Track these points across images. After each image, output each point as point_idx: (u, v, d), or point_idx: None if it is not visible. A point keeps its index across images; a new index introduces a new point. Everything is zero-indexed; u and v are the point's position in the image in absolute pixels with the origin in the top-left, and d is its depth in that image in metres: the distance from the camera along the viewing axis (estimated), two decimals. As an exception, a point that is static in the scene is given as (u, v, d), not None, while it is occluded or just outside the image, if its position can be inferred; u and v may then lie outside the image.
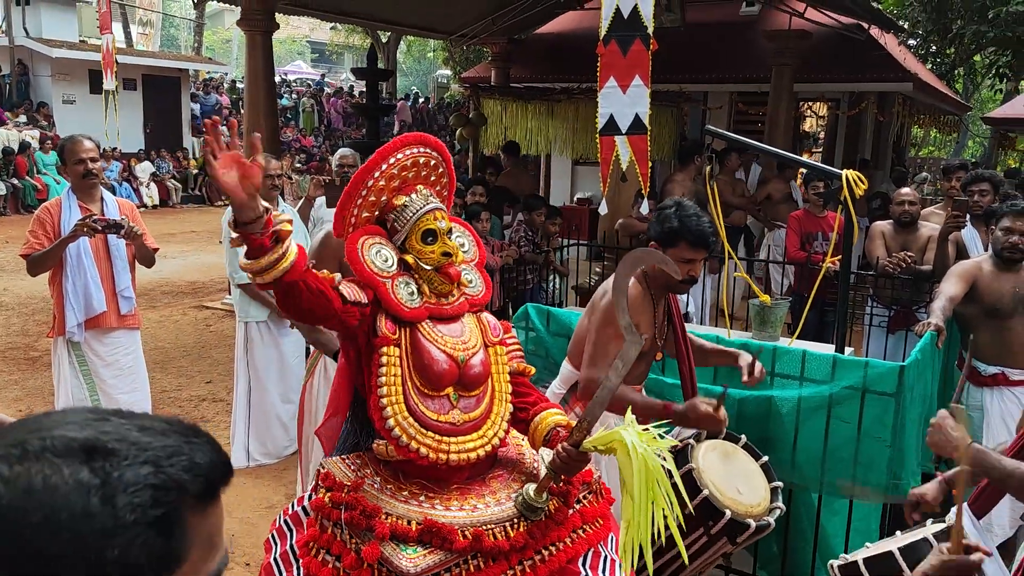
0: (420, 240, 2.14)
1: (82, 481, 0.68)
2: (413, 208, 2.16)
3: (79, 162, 3.98)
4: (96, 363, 4.14)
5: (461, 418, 2.12)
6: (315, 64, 38.00)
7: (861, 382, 2.90)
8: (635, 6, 4.67)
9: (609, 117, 4.83)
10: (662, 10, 8.12)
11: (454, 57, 20.66)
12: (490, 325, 2.29)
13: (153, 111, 18.77)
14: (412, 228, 2.15)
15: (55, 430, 0.71)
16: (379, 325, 2.09)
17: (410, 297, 2.13)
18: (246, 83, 7.85)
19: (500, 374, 2.25)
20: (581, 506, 2.22)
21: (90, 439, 0.71)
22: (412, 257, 2.14)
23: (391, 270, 2.13)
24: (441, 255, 2.14)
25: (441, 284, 2.17)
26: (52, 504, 0.67)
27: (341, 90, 25.16)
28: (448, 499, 2.09)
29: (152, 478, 0.71)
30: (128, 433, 0.73)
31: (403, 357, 2.09)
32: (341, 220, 2.16)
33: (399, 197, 2.16)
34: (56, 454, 0.69)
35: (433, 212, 2.17)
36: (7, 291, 8.72)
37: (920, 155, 20.99)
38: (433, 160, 2.22)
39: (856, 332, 5.67)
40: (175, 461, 0.72)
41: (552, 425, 2.20)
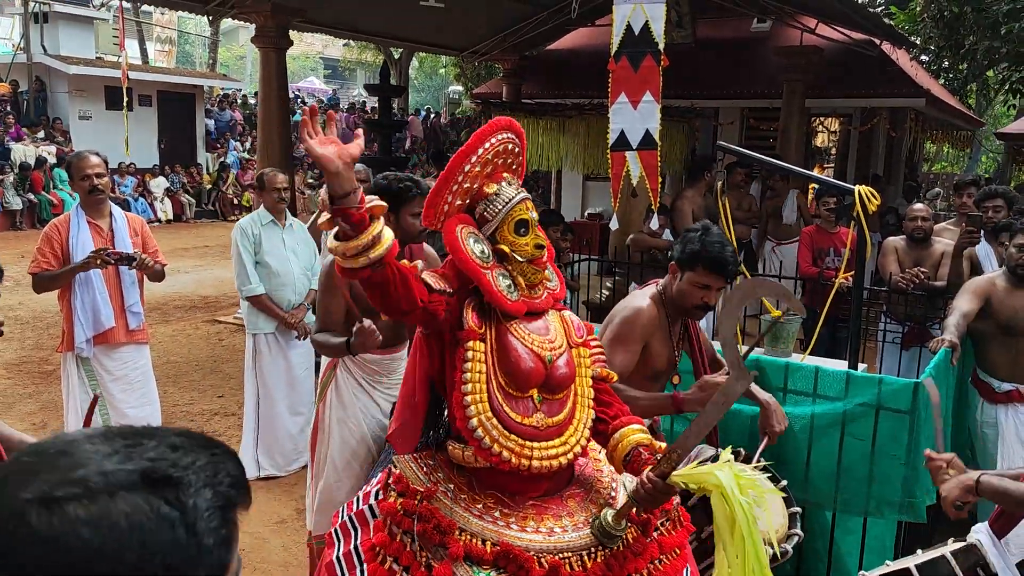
0: (513, 231, 2.03)
1: (164, 515, 0.70)
2: (505, 197, 2.06)
3: (85, 178, 3.99)
4: (105, 378, 4.16)
5: (544, 422, 2.02)
6: (328, 80, 38.30)
7: (875, 399, 2.88)
8: (646, 23, 4.70)
9: (620, 132, 4.85)
10: (673, 26, 8.15)
11: (466, 73, 20.77)
12: (574, 324, 2.19)
13: (168, 127, 18.95)
14: (505, 218, 2.04)
15: (103, 464, 0.71)
16: (465, 317, 1.99)
17: (509, 289, 2.02)
18: (260, 99, 7.93)
19: (583, 377, 2.15)
20: (659, 534, 2.13)
21: (146, 469, 0.72)
22: (507, 247, 2.03)
23: (489, 260, 2.02)
24: (535, 247, 2.04)
25: (534, 274, 2.07)
26: (143, 541, 0.68)
27: (354, 106, 25.33)
28: (524, 518, 2.00)
29: (216, 500, 0.74)
30: (174, 456, 0.74)
31: (488, 353, 1.99)
32: (433, 208, 2.03)
33: (490, 185, 2.06)
34: (124, 489, 0.70)
35: (524, 202, 2.07)
36: (22, 305, 8.79)
37: (933, 171, 20.91)
38: (516, 147, 2.13)
39: (869, 348, 5.64)
40: (222, 479, 0.75)
41: (634, 444, 2.09)
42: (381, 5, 9.42)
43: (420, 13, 8.73)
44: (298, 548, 3.98)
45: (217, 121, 20.77)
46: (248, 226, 4.75)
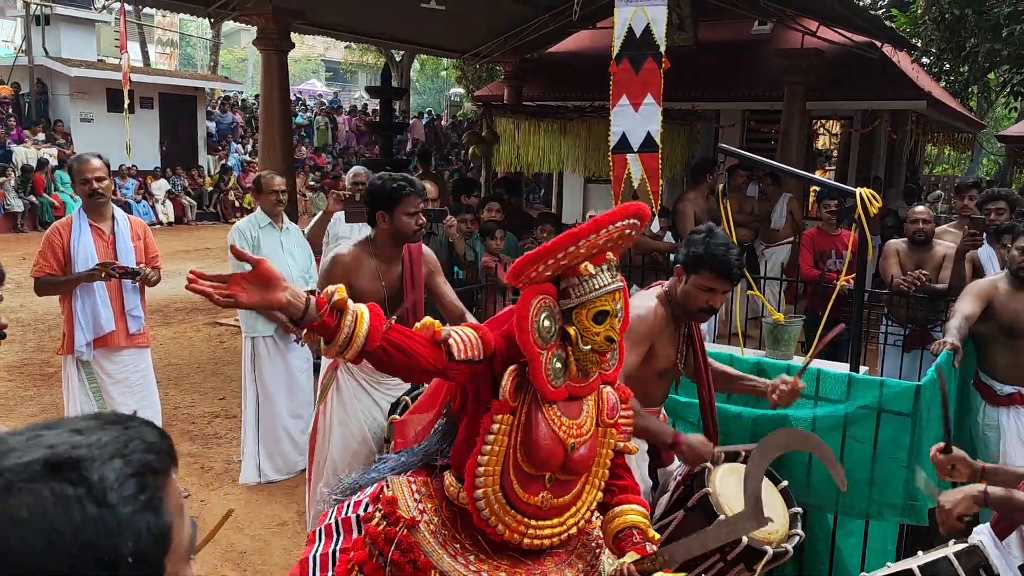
0: (591, 318, 1.95)
1: (68, 495, 0.69)
2: (596, 283, 1.96)
3: (85, 182, 4.00)
4: (105, 380, 4.16)
5: (549, 502, 2.01)
6: (329, 82, 38.33)
7: (877, 401, 2.87)
8: (648, 25, 4.70)
9: (621, 135, 4.85)
10: (674, 29, 8.16)
11: (467, 75, 20.79)
12: (608, 404, 2.12)
13: (169, 129, 18.96)
14: (588, 303, 1.95)
15: (2, 462, 0.71)
16: (503, 386, 1.93)
17: (556, 374, 1.96)
18: (261, 101, 7.94)
19: (602, 458, 2.11)
20: None
21: (47, 456, 0.71)
22: (575, 331, 1.96)
23: (551, 340, 1.94)
24: (605, 340, 1.97)
25: (592, 365, 2.01)
26: (49, 526, 0.67)
27: (355, 108, 25.36)
28: (497, 568, 2.00)
29: (127, 468, 0.73)
30: (74, 439, 0.74)
31: (514, 427, 1.96)
32: (520, 273, 1.93)
33: (588, 266, 1.95)
34: (25, 480, 0.69)
35: (614, 293, 1.98)
36: (23, 307, 8.79)
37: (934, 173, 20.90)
38: (634, 232, 2.03)
39: (871, 351, 5.63)
40: (133, 447, 0.75)
41: (630, 524, 2.09)
42: (382, 7, 9.43)
43: (421, 15, 8.74)
44: (299, 551, 3.97)
45: (219, 123, 20.78)
46: (246, 228, 4.76)
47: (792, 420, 3.00)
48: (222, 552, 3.90)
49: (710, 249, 2.61)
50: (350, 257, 3.31)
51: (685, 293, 2.69)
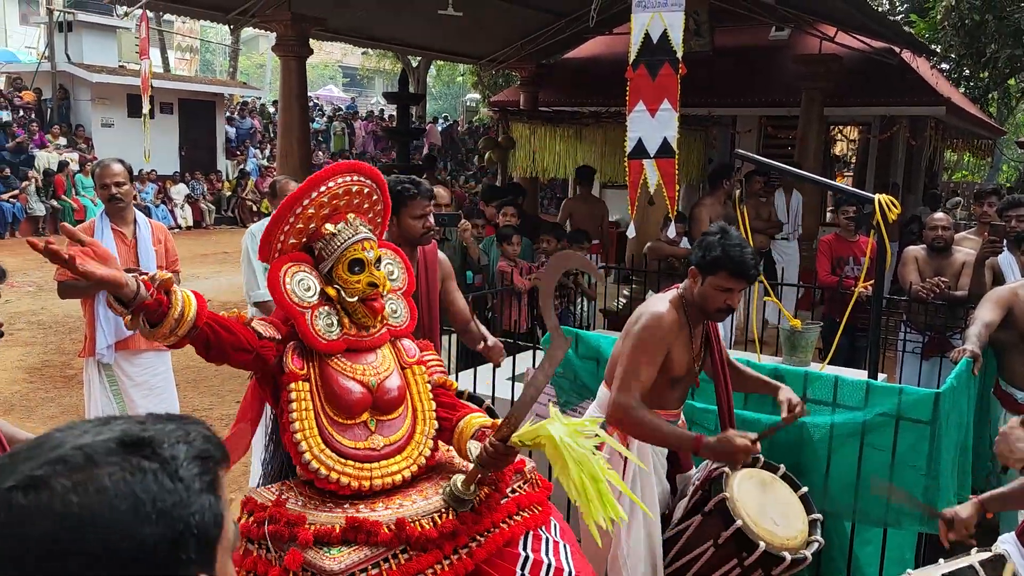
0: (347, 270, 2.13)
1: (145, 468, 0.74)
2: (341, 238, 2.15)
3: (104, 187, 4.06)
4: (126, 383, 4.19)
5: (382, 443, 2.13)
6: (346, 88, 38.56)
7: (895, 409, 2.85)
8: (665, 31, 4.71)
9: (638, 141, 4.85)
10: (691, 35, 8.16)
11: (483, 81, 20.85)
12: (404, 348, 2.30)
13: (189, 134, 19.14)
14: (339, 257, 2.14)
15: (77, 440, 0.75)
16: (286, 361, 2.09)
17: (328, 329, 2.12)
18: (280, 107, 8.01)
19: (421, 394, 2.26)
20: (516, 495, 2.23)
21: (120, 436, 0.76)
22: (336, 288, 2.13)
23: (312, 300, 2.11)
24: (367, 285, 2.13)
25: (364, 317, 2.16)
26: (132, 493, 0.72)
27: (371, 113, 25.49)
28: (373, 503, 2.09)
29: (191, 451, 0.78)
30: (142, 426, 0.79)
31: (313, 391, 2.09)
32: (267, 245, 2.16)
33: (328, 225, 2.15)
34: (103, 454, 0.74)
35: (362, 242, 2.15)
36: (44, 310, 8.89)
37: (953, 179, 20.73)
38: (367, 188, 2.21)
39: (889, 358, 5.59)
40: (194, 437, 0.80)
41: (477, 426, 2.20)
42: (400, 14, 9.50)
43: (438, 22, 8.79)
44: (315, 553, 3.99)
45: (237, 129, 20.95)
46: (259, 231, 4.77)
47: (810, 427, 2.99)
48: (239, 554, 3.92)
49: (726, 250, 2.60)
50: None
51: (702, 294, 2.67)
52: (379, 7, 9.16)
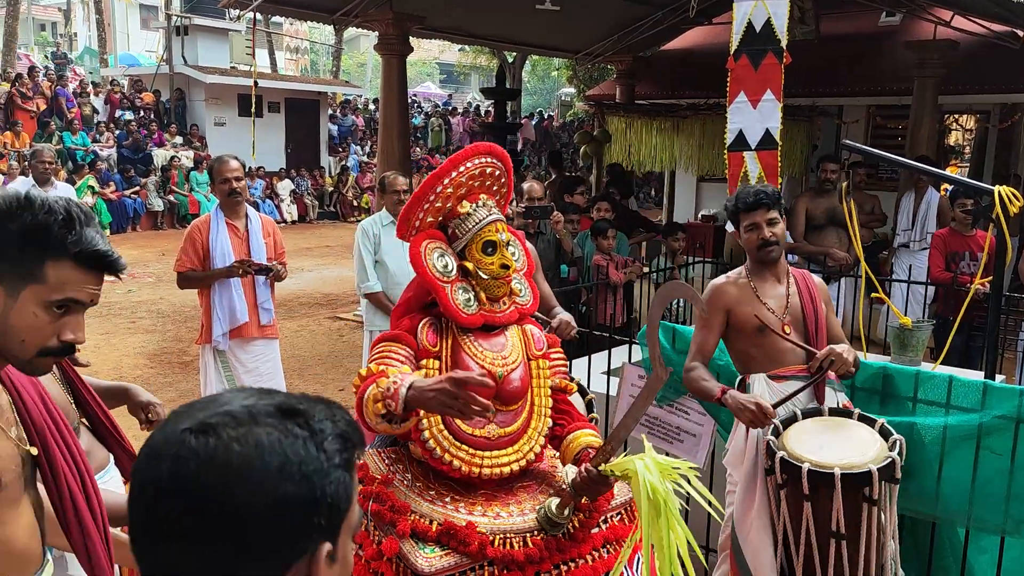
0: (480, 250, 2.19)
1: (298, 434, 0.83)
2: (476, 218, 2.20)
3: (224, 181, 4.26)
4: (239, 369, 4.41)
5: (497, 432, 2.16)
6: (443, 85, 39.15)
7: (1016, 411, 2.71)
8: (768, 19, 4.60)
9: (738, 132, 4.77)
10: (796, 22, 7.90)
11: (578, 75, 20.79)
12: (534, 338, 2.33)
13: (294, 132, 19.86)
14: (473, 238, 2.19)
15: (243, 401, 0.85)
16: (420, 337, 2.16)
17: (467, 303, 2.18)
18: (381, 105, 8.22)
19: (541, 388, 2.28)
20: (609, 525, 2.21)
21: (281, 403, 0.85)
22: (472, 264, 2.19)
23: (451, 275, 2.18)
24: (500, 267, 2.19)
25: (497, 288, 2.21)
26: (283, 452, 0.81)
27: (468, 110, 25.80)
28: (473, 504, 2.11)
29: (335, 429, 0.86)
30: (297, 399, 0.88)
31: (442, 370, 2.13)
32: (405, 223, 2.23)
33: (463, 205, 2.21)
34: (264, 415, 0.83)
35: (494, 224, 2.21)
36: (163, 299, 9.43)
37: (1083, 170, 19.33)
38: (498, 171, 2.26)
39: (1008, 359, 5.29)
40: (339, 418, 0.87)
41: (583, 445, 2.19)
42: (497, 10, 9.57)
43: (535, 16, 8.82)
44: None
45: (340, 126, 21.59)
46: (369, 226, 4.95)
47: (920, 428, 2.87)
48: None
49: (736, 199, 2.91)
50: None
51: (745, 244, 2.91)
52: (477, 3, 9.27)
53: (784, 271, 2.98)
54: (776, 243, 2.87)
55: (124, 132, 16.68)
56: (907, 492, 2.82)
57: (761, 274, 2.93)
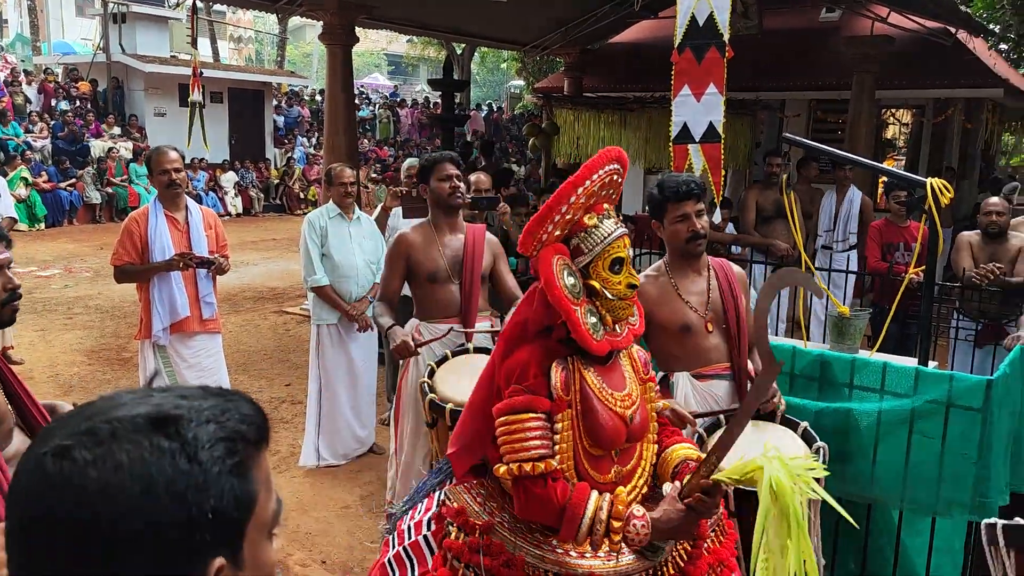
0: (607, 267, 1.97)
1: (164, 448, 0.75)
2: (604, 231, 1.98)
3: (163, 172, 4.16)
4: (180, 365, 4.32)
5: (617, 472, 2.03)
6: (391, 76, 38.79)
7: (946, 396, 2.81)
8: (711, 14, 4.64)
9: (683, 125, 4.81)
10: (739, 17, 8.02)
11: (527, 68, 20.81)
12: (640, 360, 2.17)
13: (238, 123, 19.46)
14: (600, 253, 1.97)
15: (114, 412, 0.78)
16: (554, 385, 1.94)
17: (595, 328, 1.96)
18: (326, 96, 8.09)
19: (651, 414, 2.14)
20: (711, 548, 2.13)
21: (151, 412, 0.78)
22: (598, 283, 1.97)
23: (579, 296, 1.95)
24: (627, 286, 1.98)
25: (622, 311, 2.01)
26: (146, 473, 0.74)
27: (416, 101, 25.61)
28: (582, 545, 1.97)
29: (219, 432, 0.78)
30: (178, 401, 0.80)
31: (575, 419, 1.96)
32: (532, 236, 1.94)
33: (590, 216, 1.98)
34: (129, 431, 0.76)
35: (623, 238, 2.00)
36: (101, 294, 9.17)
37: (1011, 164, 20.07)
38: (620, 178, 2.06)
39: (941, 346, 5.48)
40: (229, 415, 0.80)
41: (682, 458, 2.10)
42: (445, 1, 9.51)
43: (484, 8, 8.78)
44: (362, 532, 4.08)
45: (286, 117, 21.25)
46: (316, 219, 4.89)
47: (856, 413, 2.96)
48: (289, 533, 4.03)
49: (661, 186, 2.83)
50: (411, 233, 3.55)
51: (669, 237, 2.86)
52: (424, -6, 9.20)
53: (705, 263, 2.97)
54: (704, 235, 2.85)
55: (59, 123, 16.14)
56: (844, 476, 2.90)
57: (682, 268, 2.89)
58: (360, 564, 3.80)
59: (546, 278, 1.90)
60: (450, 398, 3.03)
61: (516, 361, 1.98)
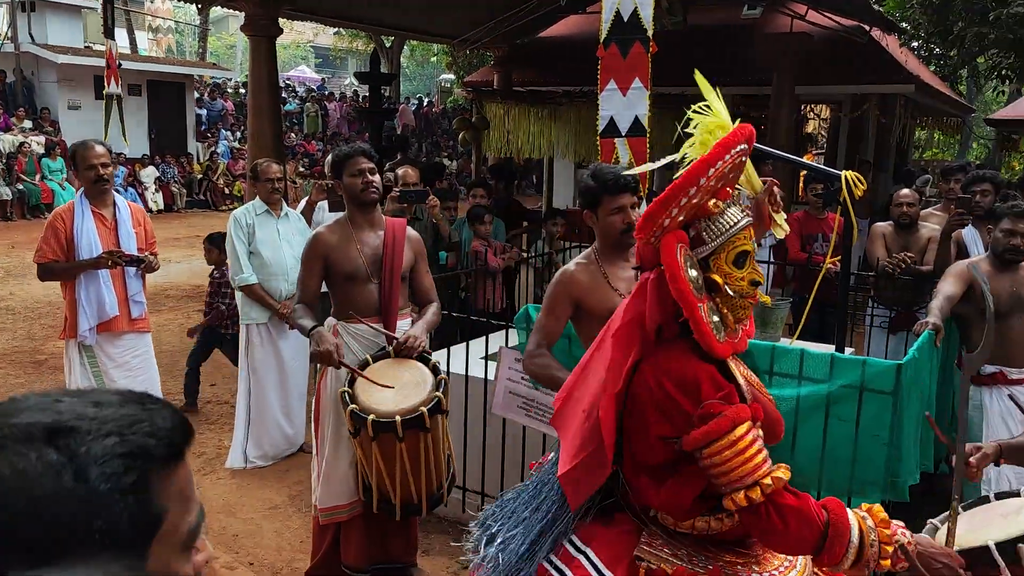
0: (730, 261, 1.75)
1: (51, 462, 0.71)
2: (730, 220, 1.76)
3: (90, 168, 4.05)
4: (108, 364, 4.24)
5: None
6: (319, 69, 38.11)
7: (859, 380, 2.91)
8: (635, 9, 4.70)
9: (609, 120, 4.86)
10: (663, 13, 8.14)
11: (457, 61, 20.72)
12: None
13: (158, 117, 18.85)
14: (725, 244, 1.75)
15: (12, 418, 0.74)
16: (743, 385, 1.77)
17: (717, 328, 1.74)
18: (250, 89, 7.90)
19: None
20: None
21: (48, 422, 0.73)
22: (720, 278, 1.75)
23: (701, 291, 1.73)
24: (750, 283, 1.77)
25: (743, 311, 1.79)
26: (28, 488, 0.69)
27: (344, 95, 25.24)
28: (759, 561, 1.85)
29: (119, 447, 0.74)
30: (85, 410, 0.75)
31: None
32: (652, 220, 1.71)
33: (716, 202, 1.75)
34: (19, 441, 0.71)
35: (749, 228, 1.79)
36: (13, 295, 8.77)
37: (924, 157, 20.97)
38: (745, 159, 1.87)
39: (858, 333, 5.69)
40: (136, 428, 0.76)
41: None
42: (371, -7, 9.39)
43: (412, 0, 8.71)
44: (291, 533, 4.01)
45: (208, 111, 20.68)
46: (242, 216, 4.79)
47: (777, 400, 3.03)
48: (215, 535, 3.93)
49: (595, 177, 2.76)
50: (328, 232, 3.43)
51: (603, 229, 2.80)
52: (350, -14, 9.07)
53: (634, 252, 3.01)
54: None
55: (-35, 115, 15.37)
56: (765, 461, 2.98)
57: (611, 257, 2.88)
58: (289, 565, 3.74)
59: (671, 268, 1.68)
60: (373, 409, 3.06)
61: (682, 376, 1.72)
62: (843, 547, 1.62)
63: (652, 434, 1.75)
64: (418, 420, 3.05)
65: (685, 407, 1.69)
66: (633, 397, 1.78)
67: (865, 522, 1.67)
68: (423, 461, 3.16)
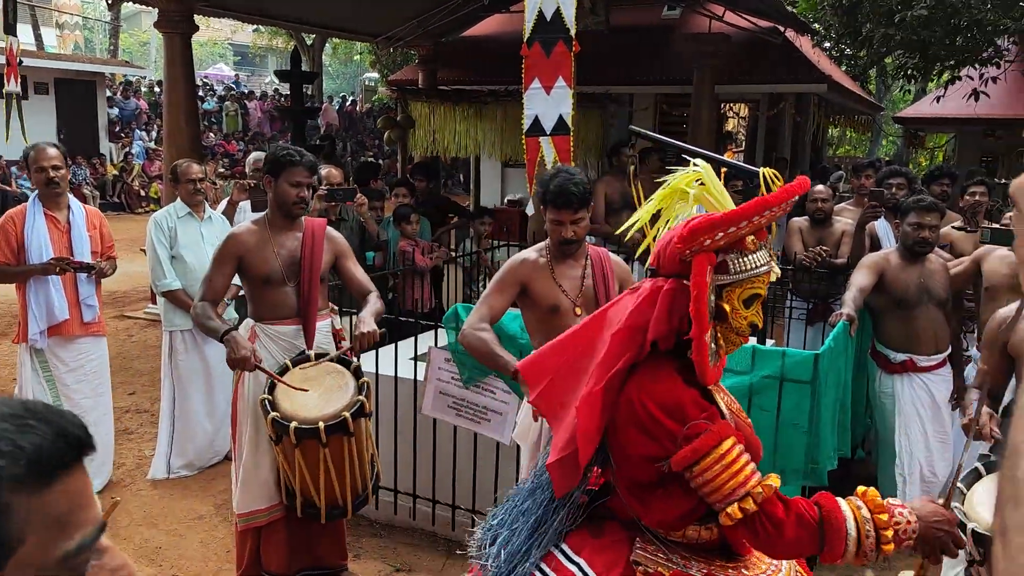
0: (742, 299, 1.79)
1: None
2: (758, 260, 1.79)
3: (40, 170, 3.99)
4: (60, 368, 4.18)
5: None
6: (237, 67, 37.16)
7: (779, 371, 3.00)
8: (558, 8, 4.75)
9: (534, 118, 4.90)
10: (586, 12, 8.23)
11: (381, 60, 20.49)
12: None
13: (67, 116, 18.06)
14: (744, 281, 1.78)
15: None
16: (722, 407, 1.81)
17: (712, 354, 1.78)
18: (165, 87, 7.65)
19: None
20: None
21: None
22: (729, 308, 1.79)
23: (711, 317, 1.77)
24: (749, 325, 1.82)
25: (733, 346, 1.85)
26: None
27: (265, 94, 24.69)
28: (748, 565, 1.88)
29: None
30: None
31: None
32: (695, 238, 1.72)
33: (753, 239, 1.79)
34: None
35: (768, 275, 1.83)
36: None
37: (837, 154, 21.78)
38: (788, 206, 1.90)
39: (778, 325, 5.86)
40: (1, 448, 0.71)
41: None
42: (290, -11, 9.21)
43: (331, -2, 8.57)
44: (216, 543, 3.90)
45: (121, 110, 19.93)
46: (163, 219, 4.65)
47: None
48: (135, 548, 3.80)
49: (548, 186, 2.89)
50: (244, 233, 3.33)
51: (548, 232, 2.99)
52: (268, -18, 8.87)
53: (583, 254, 3.08)
54: (576, 241, 2.96)
55: None
56: (692, 452, 3.04)
57: (560, 255, 3.03)
58: (215, 575, 3.64)
59: (699, 287, 1.71)
60: (295, 416, 3.02)
61: (666, 399, 1.75)
62: (841, 541, 1.67)
63: (633, 453, 1.78)
64: (341, 425, 3.04)
65: (670, 427, 1.72)
66: (615, 414, 1.80)
67: (860, 512, 1.70)
68: (347, 465, 3.14)
